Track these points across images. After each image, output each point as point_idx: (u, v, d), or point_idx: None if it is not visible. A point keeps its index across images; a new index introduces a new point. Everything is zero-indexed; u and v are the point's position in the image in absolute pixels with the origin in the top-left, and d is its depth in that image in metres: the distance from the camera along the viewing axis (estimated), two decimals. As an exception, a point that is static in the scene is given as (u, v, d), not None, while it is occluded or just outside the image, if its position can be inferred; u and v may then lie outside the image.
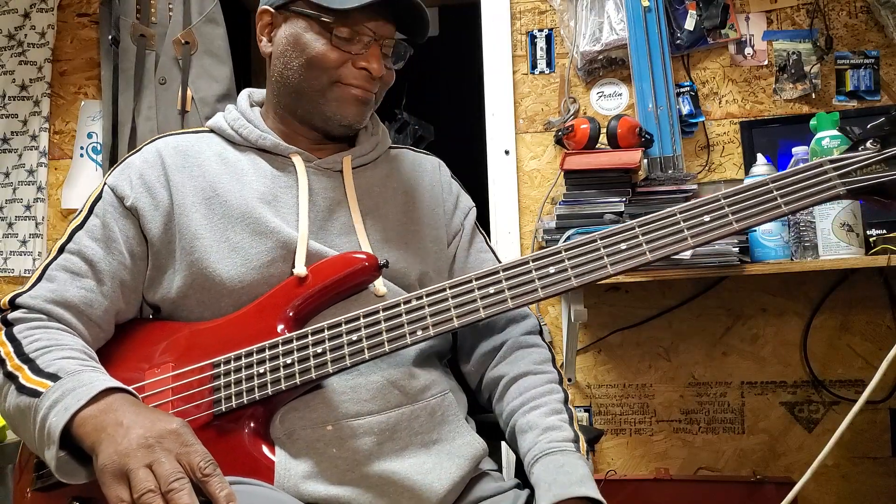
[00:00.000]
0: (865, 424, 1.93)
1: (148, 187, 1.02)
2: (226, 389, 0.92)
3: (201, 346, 0.97)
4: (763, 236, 1.65)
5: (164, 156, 1.04)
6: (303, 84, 1.04)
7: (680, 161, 1.99)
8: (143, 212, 1.01)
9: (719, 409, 2.01)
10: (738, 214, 0.85)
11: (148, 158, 1.05)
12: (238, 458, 0.89)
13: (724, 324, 2.02)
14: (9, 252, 2.38)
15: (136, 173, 1.03)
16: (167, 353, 0.98)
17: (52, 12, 2.40)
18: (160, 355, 0.98)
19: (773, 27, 2.07)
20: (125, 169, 1.04)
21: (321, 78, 1.03)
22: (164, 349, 0.98)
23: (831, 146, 1.58)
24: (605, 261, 0.87)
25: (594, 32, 2.09)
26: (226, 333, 0.97)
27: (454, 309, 0.89)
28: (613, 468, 2.03)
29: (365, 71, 1.02)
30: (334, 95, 1.04)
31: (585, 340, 2.06)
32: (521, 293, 0.88)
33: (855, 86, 2.01)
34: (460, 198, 1.20)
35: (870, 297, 1.96)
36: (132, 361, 0.99)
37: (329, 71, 1.02)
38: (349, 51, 1.02)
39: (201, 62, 2.27)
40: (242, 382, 0.92)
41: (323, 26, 1.02)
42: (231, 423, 0.91)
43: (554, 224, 1.88)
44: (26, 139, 2.40)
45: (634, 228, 0.87)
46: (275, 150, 1.07)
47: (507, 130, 2.15)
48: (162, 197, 1.02)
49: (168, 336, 1.00)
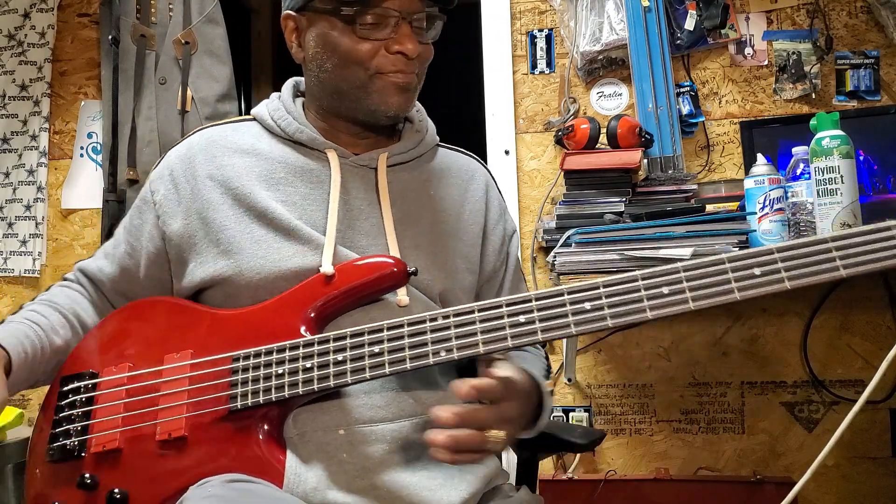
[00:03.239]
0: (865, 424, 1.93)
1: (175, 182, 1.05)
2: (243, 386, 0.92)
3: (222, 335, 0.96)
4: (763, 236, 1.65)
5: (195, 149, 1.06)
6: (341, 84, 1.01)
7: (680, 161, 1.99)
8: (166, 207, 1.05)
9: (719, 409, 2.01)
10: (792, 272, 0.79)
11: (181, 152, 1.08)
12: (249, 457, 0.89)
13: (724, 324, 2.02)
14: (9, 252, 2.38)
15: (168, 167, 1.07)
16: (187, 338, 0.98)
17: (52, 12, 2.40)
18: (180, 340, 0.98)
19: (773, 27, 2.07)
20: (163, 162, 1.09)
21: (358, 73, 0.99)
22: (184, 334, 0.99)
23: (831, 146, 1.58)
24: (644, 304, 0.82)
25: (594, 32, 2.09)
26: (247, 326, 0.96)
27: (481, 334, 0.85)
28: (613, 468, 2.03)
29: (401, 54, 0.98)
30: (375, 88, 1.00)
31: (585, 340, 2.06)
32: (552, 327, 0.83)
33: (855, 86, 2.01)
34: (506, 220, 1.17)
35: (870, 297, 1.96)
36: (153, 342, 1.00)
37: (364, 64, 0.98)
38: (379, 37, 0.97)
39: (201, 62, 2.27)
40: (260, 381, 0.91)
41: (345, 20, 0.97)
42: (245, 420, 0.91)
43: (554, 224, 1.88)
44: (26, 139, 2.40)
45: (679, 272, 0.81)
46: (311, 144, 1.05)
47: (507, 130, 2.15)
48: (185, 191, 1.04)
49: (190, 320, 1.00)
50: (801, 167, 1.69)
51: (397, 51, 0.98)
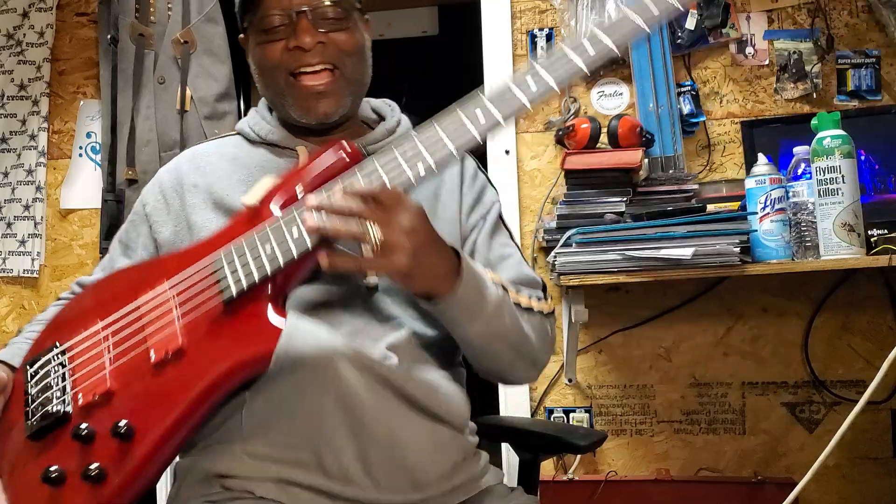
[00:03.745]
0: (866, 425, 1.92)
1: (164, 193, 1.11)
2: (232, 275, 0.88)
3: (192, 260, 0.94)
4: (764, 236, 1.64)
5: (181, 163, 1.13)
6: (268, 93, 1.09)
7: (681, 161, 1.98)
8: (156, 216, 1.10)
9: (720, 409, 2.01)
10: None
11: (170, 167, 1.15)
12: (248, 333, 0.87)
13: (725, 324, 2.02)
14: (7, 252, 2.37)
15: (157, 182, 1.14)
16: (157, 275, 0.95)
17: (50, 12, 2.39)
18: (150, 279, 0.95)
19: (774, 26, 2.06)
20: (154, 179, 1.16)
21: (275, 79, 1.04)
22: (151, 276, 0.96)
23: (832, 146, 1.58)
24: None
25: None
26: (220, 239, 0.94)
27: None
28: (614, 469, 2.03)
29: (298, 49, 1.01)
30: (294, 94, 1.04)
31: (586, 341, 2.06)
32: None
33: (856, 85, 2.00)
34: (485, 192, 1.15)
35: (871, 297, 1.95)
36: (120, 294, 0.96)
37: (276, 69, 1.03)
38: (278, 38, 1.02)
39: (200, 61, 2.26)
40: (249, 263, 0.88)
41: (253, 32, 1.05)
42: (243, 307, 0.88)
43: (554, 224, 1.87)
44: (25, 139, 2.39)
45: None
46: (283, 143, 1.09)
47: (507, 130, 2.15)
48: (174, 201, 1.09)
49: (153, 265, 1.03)
50: (803, 167, 1.69)
51: (294, 46, 1.01)
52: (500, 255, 1.10)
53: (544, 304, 1.07)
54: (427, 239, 0.88)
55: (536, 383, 2.08)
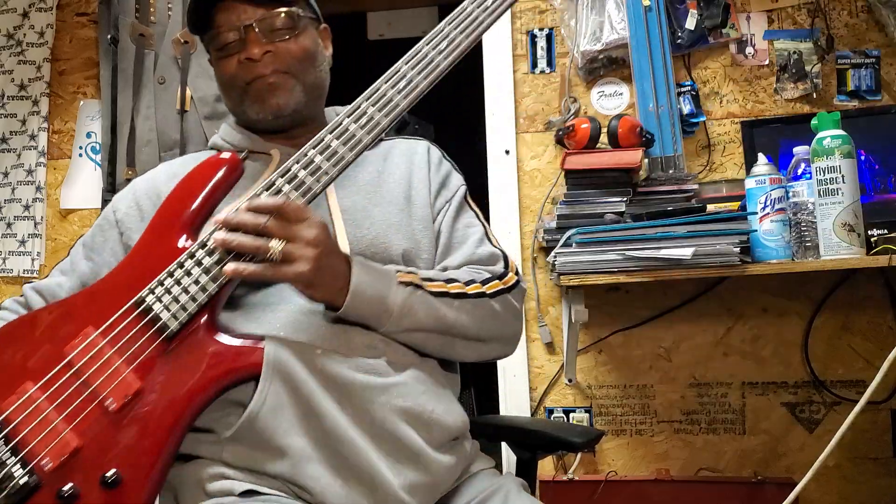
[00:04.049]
0: (867, 425, 1.92)
1: (137, 200, 1.12)
2: (167, 310, 0.90)
3: (111, 299, 0.93)
4: (764, 236, 1.64)
5: (157, 175, 1.15)
6: (231, 105, 1.13)
7: (681, 161, 1.98)
8: (128, 223, 1.10)
9: (720, 409, 2.01)
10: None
11: (146, 177, 1.17)
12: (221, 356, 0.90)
13: (725, 324, 2.02)
14: (7, 252, 2.37)
15: (131, 190, 1.15)
16: (77, 323, 0.93)
17: (50, 12, 2.40)
18: (71, 329, 0.93)
19: (774, 26, 2.06)
20: (128, 187, 1.17)
21: (233, 90, 1.09)
22: (70, 324, 0.94)
23: (832, 146, 1.58)
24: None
25: (595, 32, 2.08)
26: (130, 277, 0.94)
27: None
28: (614, 469, 2.03)
29: (248, 60, 1.05)
30: (247, 97, 1.08)
31: (586, 341, 2.06)
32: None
33: (856, 85, 2.01)
34: (450, 177, 1.18)
35: (871, 297, 1.95)
36: (42, 353, 0.93)
37: (232, 82, 1.08)
38: (231, 52, 1.07)
39: (200, 61, 2.26)
40: (181, 296, 0.91)
41: (211, 50, 1.11)
42: (186, 339, 0.90)
43: (554, 224, 1.87)
44: (25, 139, 2.39)
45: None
46: (256, 148, 1.12)
47: (507, 130, 2.15)
48: (148, 208, 1.09)
49: (65, 311, 0.97)
50: (803, 167, 1.68)
51: (245, 58, 1.06)
52: (460, 238, 1.13)
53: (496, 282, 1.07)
54: (328, 250, 0.92)
55: (536, 383, 2.08)
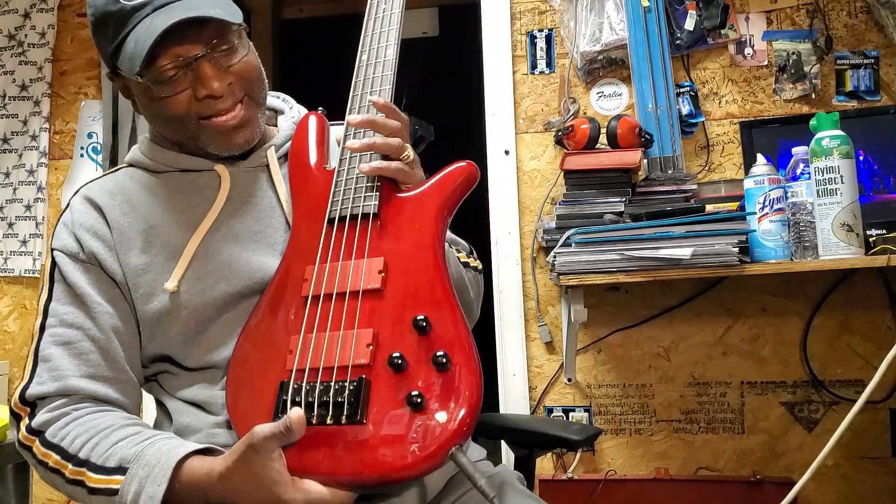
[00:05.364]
0: (865, 424, 1.93)
1: (93, 232, 1.00)
2: (356, 205, 0.96)
3: (307, 237, 0.97)
4: (763, 236, 1.65)
5: (93, 200, 1.02)
6: (177, 136, 1.02)
7: (680, 161, 1.99)
8: (100, 256, 0.99)
9: (719, 408, 2.01)
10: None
11: (79, 209, 1.02)
12: (431, 187, 0.99)
13: (724, 324, 2.02)
14: (9, 252, 2.38)
15: (75, 226, 1.01)
16: (297, 268, 0.95)
17: (52, 12, 2.40)
18: (297, 275, 0.95)
19: (773, 27, 2.07)
20: (63, 229, 1.02)
21: (185, 125, 0.99)
22: (295, 274, 0.95)
23: (831, 146, 1.58)
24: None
25: (594, 32, 2.09)
26: (307, 221, 0.98)
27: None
28: (613, 468, 2.03)
29: (209, 97, 0.96)
30: (208, 133, 0.99)
31: (585, 340, 2.06)
32: None
33: (855, 86, 2.01)
34: None
35: (870, 296, 1.96)
36: (290, 305, 0.93)
37: (185, 118, 0.98)
38: (183, 88, 0.96)
39: (201, 62, 2.27)
40: (358, 189, 0.96)
41: (147, 83, 0.95)
42: (387, 203, 0.96)
43: (554, 224, 1.88)
44: (26, 139, 2.40)
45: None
46: (198, 167, 1.04)
47: (507, 130, 2.15)
48: (106, 235, 1.00)
49: (278, 279, 0.97)
50: (801, 167, 1.69)
51: (205, 95, 0.96)
52: None
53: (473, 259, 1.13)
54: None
55: (536, 383, 2.08)
